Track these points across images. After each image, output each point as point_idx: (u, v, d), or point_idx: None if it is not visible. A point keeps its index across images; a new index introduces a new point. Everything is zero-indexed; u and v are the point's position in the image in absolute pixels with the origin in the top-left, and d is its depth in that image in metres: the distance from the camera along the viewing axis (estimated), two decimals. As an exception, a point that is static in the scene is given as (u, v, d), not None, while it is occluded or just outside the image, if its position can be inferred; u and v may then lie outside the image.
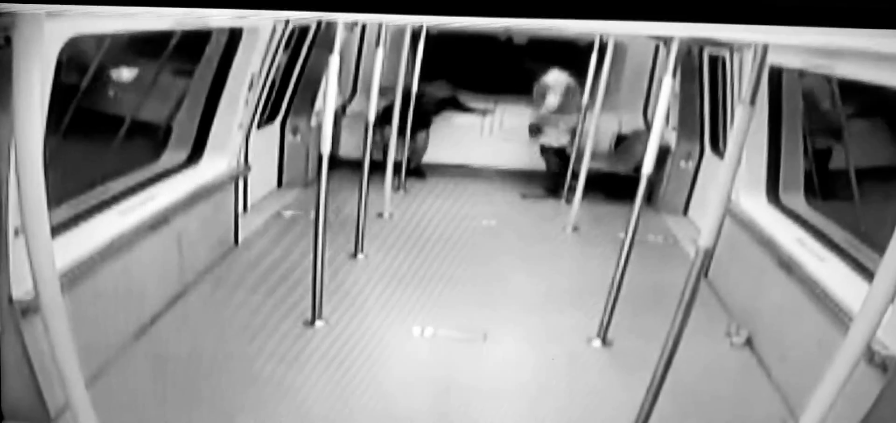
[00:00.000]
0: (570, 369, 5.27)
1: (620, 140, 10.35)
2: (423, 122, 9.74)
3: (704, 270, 4.25)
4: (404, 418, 4.62)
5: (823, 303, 4.54)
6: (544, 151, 9.94)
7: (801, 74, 5.97)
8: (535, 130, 9.92)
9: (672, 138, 9.13)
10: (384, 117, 8.56)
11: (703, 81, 8.84)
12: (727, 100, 8.02)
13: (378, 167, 7.89)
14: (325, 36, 8.48)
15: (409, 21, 8.54)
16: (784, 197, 6.28)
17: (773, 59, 5.43)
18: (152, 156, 6.27)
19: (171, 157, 6.35)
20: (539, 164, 9.94)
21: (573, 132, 9.64)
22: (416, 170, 10.04)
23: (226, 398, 4.65)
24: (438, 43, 9.63)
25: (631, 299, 5.69)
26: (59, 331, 3.14)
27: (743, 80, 6.90)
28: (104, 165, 5.63)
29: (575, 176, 8.72)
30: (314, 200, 5.61)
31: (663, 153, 8.80)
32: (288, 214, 8.40)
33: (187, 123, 6.45)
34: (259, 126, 7.96)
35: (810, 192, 6.22)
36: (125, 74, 6.55)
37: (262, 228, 7.89)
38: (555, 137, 9.81)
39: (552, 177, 9.86)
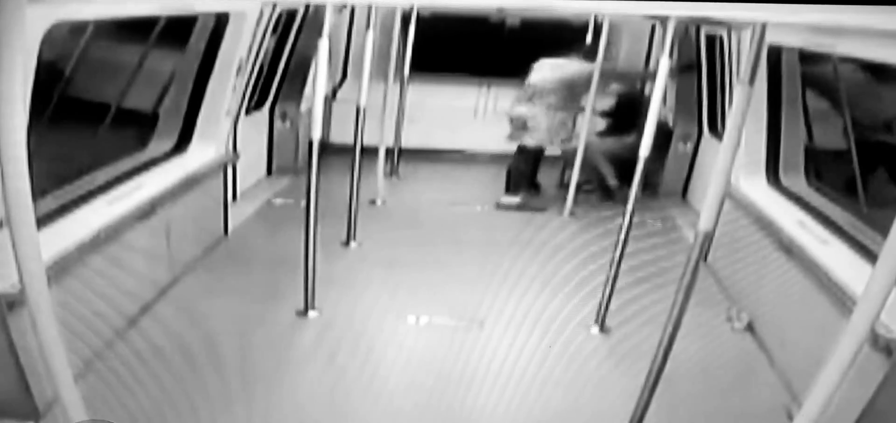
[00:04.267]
0: (568, 355, 5.22)
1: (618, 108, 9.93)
2: None
3: (704, 254, 4.21)
4: (400, 408, 4.57)
5: (826, 286, 4.51)
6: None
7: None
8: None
9: (669, 120, 9.09)
10: None
11: (701, 61, 8.80)
12: (725, 80, 7.98)
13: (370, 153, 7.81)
14: (313, 20, 8.42)
15: (400, 3, 8.48)
16: (784, 179, 6.24)
17: (771, 37, 5.37)
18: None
19: (158, 145, 6.26)
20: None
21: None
22: None
23: (217, 390, 4.60)
24: (430, 25, 9.56)
25: (629, 285, 5.67)
26: (47, 324, 3.07)
27: (741, 59, 6.85)
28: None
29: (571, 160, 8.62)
30: (305, 188, 5.53)
31: (664, 136, 8.75)
32: (278, 202, 8.35)
33: (174, 110, 6.36)
34: (247, 113, 7.88)
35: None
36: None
37: (252, 216, 7.83)
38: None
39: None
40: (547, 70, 8.46)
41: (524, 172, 8.71)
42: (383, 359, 5.10)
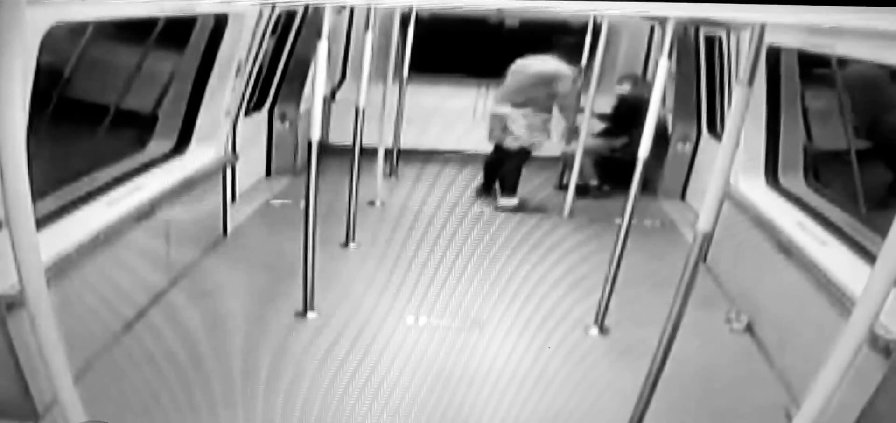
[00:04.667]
0: (567, 357, 5.23)
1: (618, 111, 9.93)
2: None
3: (703, 254, 4.21)
4: (399, 409, 4.57)
5: (825, 287, 4.51)
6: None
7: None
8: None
9: (668, 121, 9.09)
10: None
11: (700, 62, 8.80)
12: (724, 81, 7.98)
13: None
14: (312, 21, 8.41)
15: (399, 4, 8.48)
16: (783, 180, 6.24)
17: (770, 38, 5.37)
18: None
19: (157, 146, 6.26)
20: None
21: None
22: None
23: (217, 391, 4.60)
24: (429, 26, 9.56)
25: (628, 286, 5.67)
26: (46, 326, 3.07)
27: (740, 60, 6.86)
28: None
29: (570, 161, 8.64)
30: (304, 189, 5.53)
31: (662, 136, 8.75)
32: (277, 202, 8.34)
33: (173, 111, 6.36)
34: (246, 114, 7.88)
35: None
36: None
37: (252, 217, 7.83)
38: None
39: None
40: (528, 70, 8.42)
41: (515, 173, 8.72)
42: (382, 360, 5.09)
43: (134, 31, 5.94)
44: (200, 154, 6.44)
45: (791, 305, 5.09)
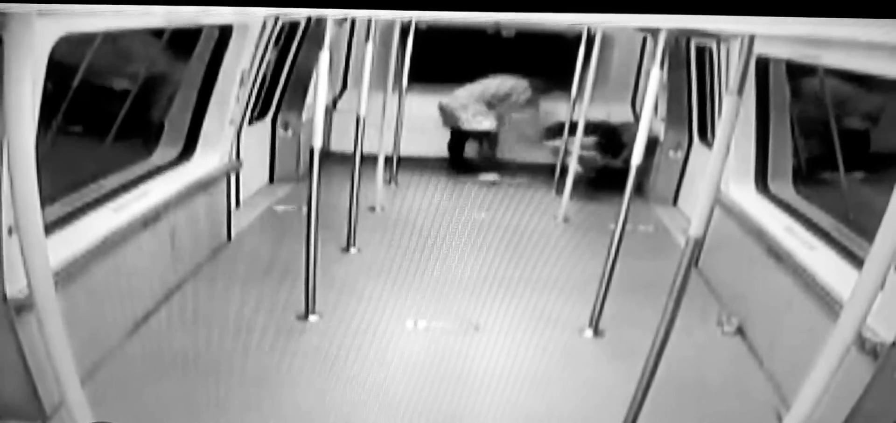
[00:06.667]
0: (563, 359, 5.28)
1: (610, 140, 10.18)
2: None
3: (695, 259, 4.28)
4: (398, 410, 4.63)
5: (813, 291, 4.57)
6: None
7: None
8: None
9: (660, 129, 9.15)
10: None
11: (691, 71, 8.86)
12: (715, 90, 8.05)
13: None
14: (314, 32, 8.48)
15: (399, 16, 8.54)
16: (773, 186, 6.30)
17: (759, 49, 5.45)
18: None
19: (163, 153, 6.35)
20: (535, 157, 9.92)
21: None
22: None
23: (220, 393, 4.65)
24: (428, 37, 9.64)
25: (622, 289, 5.71)
26: (54, 329, 3.14)
27: (730, 70, 6.93)
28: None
29: (564, 169, 8.73)
30: (306, 195, 5.61)
31: (652, 144, 8.81)
32: (280, 209, 8.39)
33: (179, 119, 6.44)
34: (250, 122, 7.95)
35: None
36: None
37: (255, 223, 7.88)
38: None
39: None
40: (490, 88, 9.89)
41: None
42: (382, 362, 5.16)
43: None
44: (205, 161, 6.51)
45: (781, 308, 5.15)
